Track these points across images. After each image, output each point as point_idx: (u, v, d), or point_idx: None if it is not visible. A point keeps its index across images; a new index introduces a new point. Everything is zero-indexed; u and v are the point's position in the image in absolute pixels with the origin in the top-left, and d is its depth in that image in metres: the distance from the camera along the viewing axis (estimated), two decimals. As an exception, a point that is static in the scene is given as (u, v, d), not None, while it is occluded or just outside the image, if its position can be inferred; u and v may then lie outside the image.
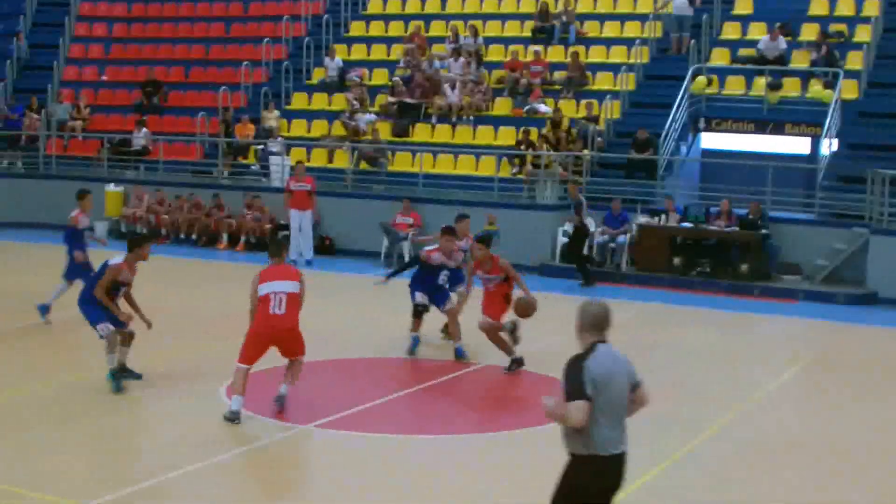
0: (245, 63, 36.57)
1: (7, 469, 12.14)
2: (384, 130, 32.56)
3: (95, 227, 31.52)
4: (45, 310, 19.47)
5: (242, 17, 40.13)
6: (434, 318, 18.48)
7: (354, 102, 33.53)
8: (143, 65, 39.05)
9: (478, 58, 34.07)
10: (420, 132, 32.52)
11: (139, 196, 32.25)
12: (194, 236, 31.03)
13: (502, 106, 32.54)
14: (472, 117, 32.11)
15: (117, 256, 15.34)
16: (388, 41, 36.68)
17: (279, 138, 33.23)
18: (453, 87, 32.70)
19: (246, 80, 36.47)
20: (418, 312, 18.14)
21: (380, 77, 35.37)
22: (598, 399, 8.28)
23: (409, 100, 33.10)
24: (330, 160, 32.59)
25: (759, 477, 12.61)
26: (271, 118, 34.13)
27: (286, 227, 28.60)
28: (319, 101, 35.15)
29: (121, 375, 15.30)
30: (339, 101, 34.47)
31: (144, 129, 35.12)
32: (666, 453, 13.19)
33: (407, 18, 37.41)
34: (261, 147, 33.44)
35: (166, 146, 34.75)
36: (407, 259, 25.72)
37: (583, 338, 8.66)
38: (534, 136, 30.22)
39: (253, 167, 33.55)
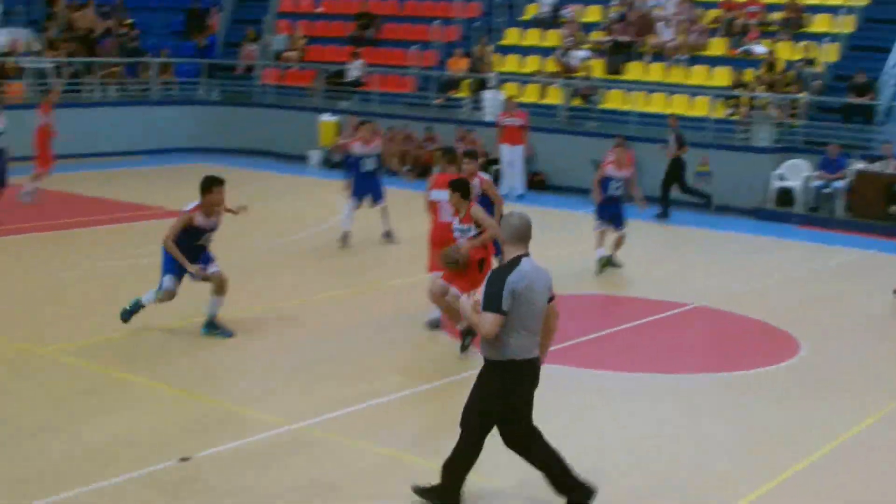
0: (459, -3, 36.77)
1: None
2: (597, 68, 32.43)
3: (310, 156, 32.20)
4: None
5: (458, -49, 40.25)
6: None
7: (568, 39, 33.44)
8: (359, -3, 39.50)
9: (693, -4, 33.64)
10: (633, 70, 32.29)
11: (353, 127, 32.67)
12: (406, 168, 31.37)
13: (717, 46, 32.06)
14: (686, 57, 31.73)
15: (192, 202, 14.50)
16: (604, -22, 36.45)
17: (492, 73, 33.34)
18: (668, 26, 32.35)
19: (460, 15, 36.60)
20: None
21: (594, 14, 35.15)
22: (518, 310, 8.81)
23: (622, 38, 32.87)
24: (542, 96, 32.62)
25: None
26: (484, 52, 34.25)
27: (497, 161, 28.75)
28: (532, 36, 35.11)
29: (212, 329, 14.80)
30: (552, 38, 34.40)
31: (359, 61, 35.58)
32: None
33: (622, -45, 37.07)
34: (473, 81, 33.61)
35: (380, 78, 35.18)
36: None
37: (507, 251, 9.07)
38: (748, 77, 29.76)
39: (465, 101, 33.75)
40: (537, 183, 29.40)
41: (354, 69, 35.49)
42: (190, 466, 10.25)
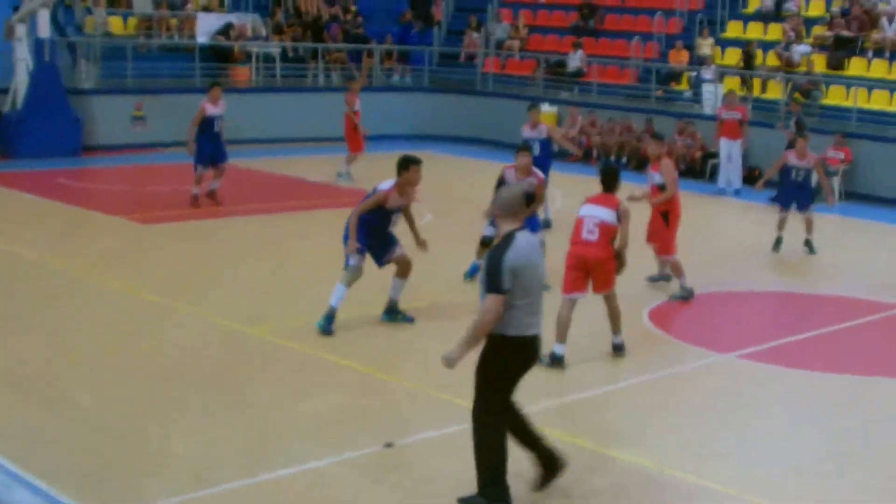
0: (682, -11, 36.55)
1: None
2: (819, 63, 31.91)
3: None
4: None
5: (682, -58, 39.98)
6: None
7: (790, 33, 32.97)
8: (581, -13, 39.53)
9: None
10: (855, 66, 31.65)
11: (573, 117, 32.84)
12: (624, 159, 31.37)
13: (945, 42, 31.29)
14: (911, 53, 31.02)
15: (387, 181, 14.35)
16: (830, -30, 35.81)
17: (713, 66, 33.09)
18: (892, 21, 31.62)
19: (682, 7, 36.38)
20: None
21: (816, 8, 34.57)
22: (516, 287, 8.88)
23: (845, 33, 32.24)
24: (763, 90, 32.26)
25: None
26: (706, 45, 34.02)
27: (715, 155, 28.56)
28: (755, 30, 34.70)
29: (394, 315, 14.83)
30: (774, 31, 33.96)
31: (580, 51, 35.66)
32: None
33: (851, -53, 36.35)
34: (694, 74, 33.43)
35: (600, 69, 35.23)
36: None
37: (500, 226, 9.18)
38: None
39: (685, 94, 33.57)
40: (754, 178, 29.02)
41: (575, 60, 35.58)
42: (393, 452, 10.57)
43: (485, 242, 16.47)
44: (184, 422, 11.25)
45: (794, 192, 20.75)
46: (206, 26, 34.14)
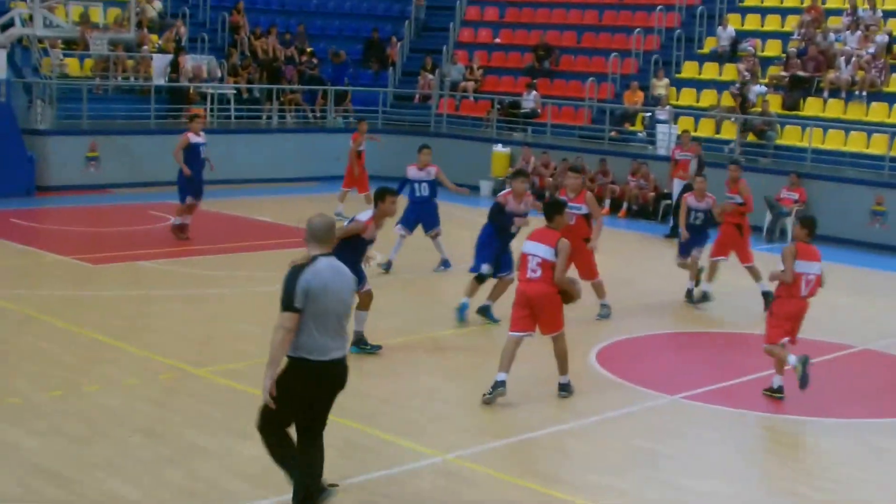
0: (637, 30, 36.71)
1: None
2: (774, 103, 32.11)
3: (481, 185, 32.61)
4: None
5: (637, -16, 40.26)
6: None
7: (745, 73, 33.20)
8: (537, 29, 39.67)
9: (874, 31, 33.00)
10: (811, 106, 31.89)
11: (526, 158, 32.89)
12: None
13: (898, 83, 31.53)
14: (865, 93, 31.22)
15: (366, 211, 14.69)
16: (783, 12, 36.00)
17: (667, 106, 33.26)
18: (848, 62, 31.86)
19: (637, 47, 36.61)
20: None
21: (773, 48, 34.84)
22: (310, 308, 8.98)
23: (801, 73, 32.48)
24: (717, 131, 32.43)
25: None
26: (660, 86, 34.22)
27: (669, 196, 28.64)
28: (710, 70, 34.94)
29: (360, 347, 15.02)
30: (729, 72, 34.20)
31: (534, 93, 35.81)
32: None
33: (805, -11, 36.65)
34: (648, 115, 33.58)
35: (555, 110, 35.34)
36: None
37: (308, 249, 9.29)
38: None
39: (640, 134, 33.70)
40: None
41: (529, 100, 35.71)
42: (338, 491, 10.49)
43: (479, 279, 17.18)
44: (127, 464, 11.11)
45: (691, 237, 19.87)
46: (161, 68, 34.09)
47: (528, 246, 13.61)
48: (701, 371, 15.71)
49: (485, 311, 17.48)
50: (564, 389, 13.90)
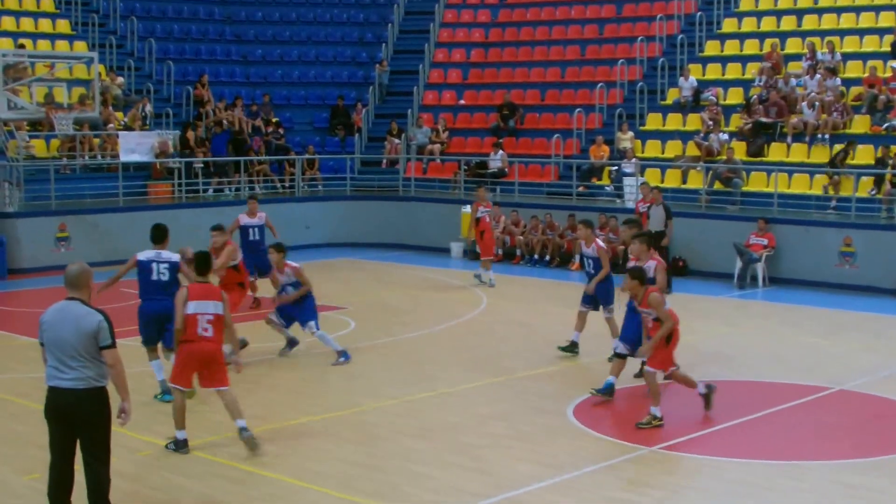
0: (600, 84, 37.00)
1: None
2: (739, 150, 32.32)
3: (452, 247, 32.84)
4: None
5: (597, 40, 40.54)
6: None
7: (709, 122, 33.44)
8: (500, 89, 39.99)
9: (834, 74, 33.26)
10: (775, 151, 32.12)
11: (495, 217, 32.96)
12: (548, 257, 31.56)
13: (860, 124, 31.72)
14: (828, 136, 31.44)
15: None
16: (743, 60, 36.35)
17: (633, 159, 33.44)
18: (811, 106, 32.10)
19: (601, 102, 36.88)
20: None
21: (734, 96, 35.15)
22: (44, 339, 10.75)
23: (764, 119, 32.73)
24: (684, 181, 32.62)
25: None
26: (625, 139, 34.44)
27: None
28: (674, 121, 35.21)
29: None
30: (693, 121, 34.47)
31: (501, 152, 35.99)
32: None
33: (762, 36, 36.94)
34: (615, 168, 33.75)
35: (522, 168, 35.49)
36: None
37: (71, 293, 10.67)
38: (894, 153, 29.37)
39: (607, 188, 33.85)
40: (679, 269, 29.17)
41: (496, 160, 35.87)
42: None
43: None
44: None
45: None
46: (128, 145, 34.08)
47: (193, 306, 13.78)
48: (679, 421, 15.68)
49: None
50: (244, 432, 13.77)
